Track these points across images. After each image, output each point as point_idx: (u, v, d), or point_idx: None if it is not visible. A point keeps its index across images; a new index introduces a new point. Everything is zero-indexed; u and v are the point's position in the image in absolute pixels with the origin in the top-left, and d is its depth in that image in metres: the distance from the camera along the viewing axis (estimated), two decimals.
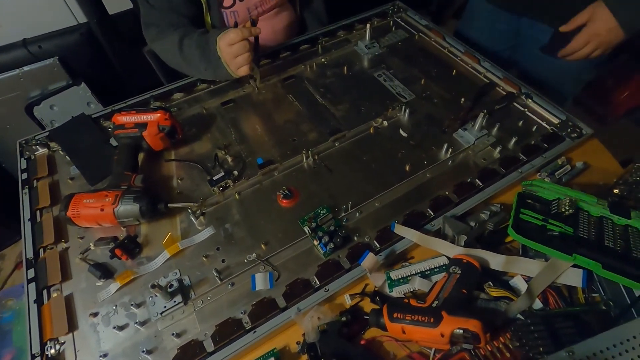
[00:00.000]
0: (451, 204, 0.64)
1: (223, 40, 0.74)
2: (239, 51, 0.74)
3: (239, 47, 0.74)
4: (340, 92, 0.86)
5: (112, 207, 0.61)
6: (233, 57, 0.75)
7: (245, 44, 0.74)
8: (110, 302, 0.57)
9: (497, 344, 0.48)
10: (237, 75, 0.79)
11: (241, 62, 0.76)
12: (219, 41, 0.75)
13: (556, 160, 0.70)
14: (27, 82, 1.19)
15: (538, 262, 0.55)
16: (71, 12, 1.20)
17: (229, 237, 0.63)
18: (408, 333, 0.49)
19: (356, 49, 0.96)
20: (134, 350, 0.53)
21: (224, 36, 0.74)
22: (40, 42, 1.17)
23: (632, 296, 0.51)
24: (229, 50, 0.74)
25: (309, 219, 0.62)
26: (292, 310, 0.54)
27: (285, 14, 1.00)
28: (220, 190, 0.68)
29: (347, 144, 0.76)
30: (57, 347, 0.53)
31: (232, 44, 0.74)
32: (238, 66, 0.77)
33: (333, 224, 0.62)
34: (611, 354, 0.42)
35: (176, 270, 0.60)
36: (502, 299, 0.53)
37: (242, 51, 0.74)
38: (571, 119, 0.75)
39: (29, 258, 0.62)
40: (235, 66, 0.77)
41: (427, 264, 0.58)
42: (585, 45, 0.78)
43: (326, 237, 0.60)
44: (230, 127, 0.80)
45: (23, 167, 0.75)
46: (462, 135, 0.74)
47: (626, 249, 0.53)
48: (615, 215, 0.57)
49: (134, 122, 0.71)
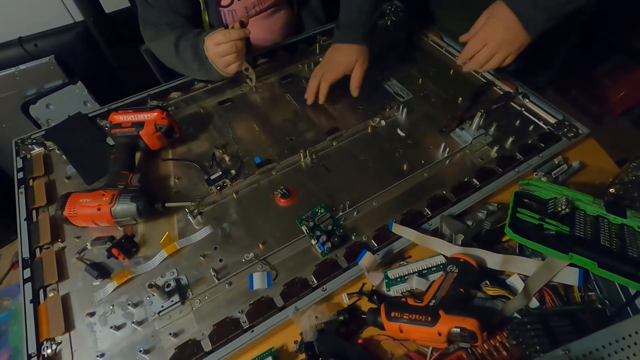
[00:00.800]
0: (448, 203, 0.64)
1: (210, 40, 0.74)
2: (225, 51, 0.74)
3: (226, 47, 0.74)
4: (338, 92, 0.85)
5: (109, 206, 0.61)
6: (219, 57, 0.75)
7: (232, 45, 0.73)
8: (107, 302, 0.57)
9: (494, 342, 0.49)
10: (226, 74, 0.79)
11: (228, 61, 0.76)
12: (207, 41, 0.75)
13: (553, 160, 0.70)
14: (23, 81, 1.18)
15: (535, 261, 0.55)
16: (67, 11, 1.20)
17: (227, 237, 0.63)
18: (405, 332, 0.49)
19: None
20: (131, 350, 0.53)
21: (212, 36, 0.74)
22: (37, 41, 1.17)
23: (627, 295, 0.52)
24: (215, 50, 0.74)
25: (307, 218, 0.62)
26: (290, 309, 0.54)
27: (283, 12, 1.00)
28: (218, 190, 0.68)
29: (345, 143, 0.76)
30: (54, 347, 0.53)
31: (219, 44, 0.74)
32: (225, 65, 0.76)
33: (331, 224, 0.62)
34: (607, 352, 0.43)
35: (173, 270, 0.59)
36: (499, 298, 0.53)
37: (228, 52, 0.74)
38: (568, 118, 0.75)
39: (25, 258, 0.62)
40: (222, 65, 0.76)
41: (425, 263, 0.58)
42: (484, 47, 0.69)
43: (324, 237, 0.60)
44: (228, 126, 0.80)
45: (19, 166, 0.75)
46: (460, 135, 0.75)
47: (622, 247, 0.54)
48: (611, 214, 0.57)
49: (131, 121, 0.70)
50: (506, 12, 0.67)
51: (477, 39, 0.70)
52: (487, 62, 0.70)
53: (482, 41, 0.69)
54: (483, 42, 0.69)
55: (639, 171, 0.63)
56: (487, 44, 0.69)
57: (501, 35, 0.67)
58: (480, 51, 0.70)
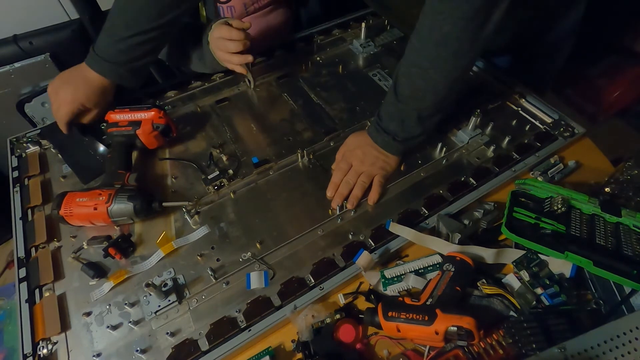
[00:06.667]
0: (445, 202, 0.65)
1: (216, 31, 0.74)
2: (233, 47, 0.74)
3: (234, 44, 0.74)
4: (336, 91, 0.85)
5: (105, 205, 0.60)
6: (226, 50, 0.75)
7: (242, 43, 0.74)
8: (104, 302, 0.57)
9: (491, 340, 0.49)
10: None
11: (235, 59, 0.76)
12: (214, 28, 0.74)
13: (549, 159, 0.70)
14: (18, 79, 1.17)
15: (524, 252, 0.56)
16: (63, 8, 1.19)
17: (224, 236, 0.63)
18: (403, 331, 0.49)
19: (351, 47, 0.96)
20: (127, 350, 0.53)
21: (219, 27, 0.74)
22: (32, 38, 1.15)
23: (622, 293, 0.52)
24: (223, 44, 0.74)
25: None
26: (287, 308, 0.54)
27: (281, 10, 0.99)
28: (215, 189, 0.68)
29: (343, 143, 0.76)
30: (50, 347, 0.53)
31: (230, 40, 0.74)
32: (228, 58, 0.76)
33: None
34: (602, 350, 0.43)
35: (170, 269, 0.59)
36: (495, 296, 0.53)
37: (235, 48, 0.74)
38: (564, 118, 0.76)
39: (20, 257, 0.62)
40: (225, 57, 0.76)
41: (421, 262, 0.58)
42: (350, 169, 0.67)
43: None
44: (225, 125, 0.80)
45: (14, 165, 0.74)
46: (456, 135, 0.75)
47: (617, 246, 0.54)
48: (607, 213, 0.58)
49: (128, 120, 0.70)
50: (360, 134, 0.70)
51: (343, 161, 0.69)
52: (354, 185, 0.66)
53: (348, 163, 0.68)
54: (349, 164, 0.68)
55: (634, 170, 0.64)
56: (352, 166, 0.68)
57: (361, 156, 0.67)
58: (347, 177, 0.67)
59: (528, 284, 0.53)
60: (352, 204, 0.65)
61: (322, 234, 0.63)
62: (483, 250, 0.56)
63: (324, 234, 0.63)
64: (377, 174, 0.67)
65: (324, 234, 0.63)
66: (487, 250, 0.56)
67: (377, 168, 0.67)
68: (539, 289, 0.52)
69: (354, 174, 0.67)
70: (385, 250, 0.59)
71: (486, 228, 0.61)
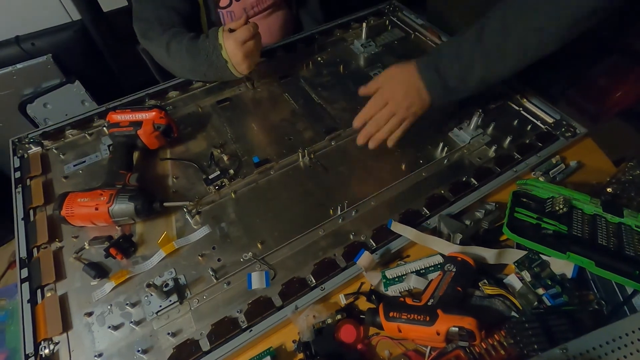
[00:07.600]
0: (446, 202, 0.65)
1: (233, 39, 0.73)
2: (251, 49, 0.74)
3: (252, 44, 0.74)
4: (336, 91, 0.85)
5: (106, 206, 0.60)
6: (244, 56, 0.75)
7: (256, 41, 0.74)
8: (105, 302, 0.57)
9: (492, 341, 0.49)
10: (240, 74, 0.78)
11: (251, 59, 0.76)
12: (226, 41, 0.73)
13: (550, 159, 0.70)
14: (20, 80, 1.18)
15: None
16: (65, 10, 1.19)
17: (225, 236, 0.63)
18: (404, 332, 0.49)
19: (352, 47, 0.96)
20: (129, 350, 0.53)
21: (234, 35, 0.73)
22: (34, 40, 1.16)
23: (624, 294, 0.52)
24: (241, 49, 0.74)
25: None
26: (288, 309, 0.54)
27: (281, 13, 1.00)
28: (216, 189, 0.68)
29: (343, 142, 0.76)
30: (51, 347, 0.53)
31: (246, 41, 0.74)
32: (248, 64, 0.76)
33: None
34: (604, 351, 0.43)
35: (172, 270, 0.59)
36: (496, 297, 0.53)
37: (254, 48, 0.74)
38: (565, 118, 0.75)
39: (22, 257, 0.62)
40: (244, 64, 0.76)
41: (423, 263, 0.58)
42: (385, 106, 0.64)
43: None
44: (226, 125, 0.80)
45: (16, 165, 0.75)
46: (458, 135, 0.75)
47: (619, 246, 0.54)
48: (609, 213, 0.57)
49: (129, 121, 0.70)
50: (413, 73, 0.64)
51: (380, 96, 0.64)
52: (385, 123, 0.65)
53: (385, 100, 0.64)
54: (385, 101, 0.64)
55: (636, 171, 0.63)
56: (387, 103, 0.64)
57: (401, 97, 0.63)
58: (381, 113, 0.64)
59: (530, 285, 0.53)
60: (374, 144, 0.64)
61: (323, 234, 0.63)
62: (484, 251, 0.56)
63: (325, 234, 0.63)
64: (407, 118, 0.64)
65: (325, 234, 0.63)
66: (489, 251, 0.56)
67: (411, 113, 0.64)
68: (541, 289, 0.52)
69: (388, 113, 0.63)
70: (386, 250, 0.59)
71: (487, 228, 0.61)
